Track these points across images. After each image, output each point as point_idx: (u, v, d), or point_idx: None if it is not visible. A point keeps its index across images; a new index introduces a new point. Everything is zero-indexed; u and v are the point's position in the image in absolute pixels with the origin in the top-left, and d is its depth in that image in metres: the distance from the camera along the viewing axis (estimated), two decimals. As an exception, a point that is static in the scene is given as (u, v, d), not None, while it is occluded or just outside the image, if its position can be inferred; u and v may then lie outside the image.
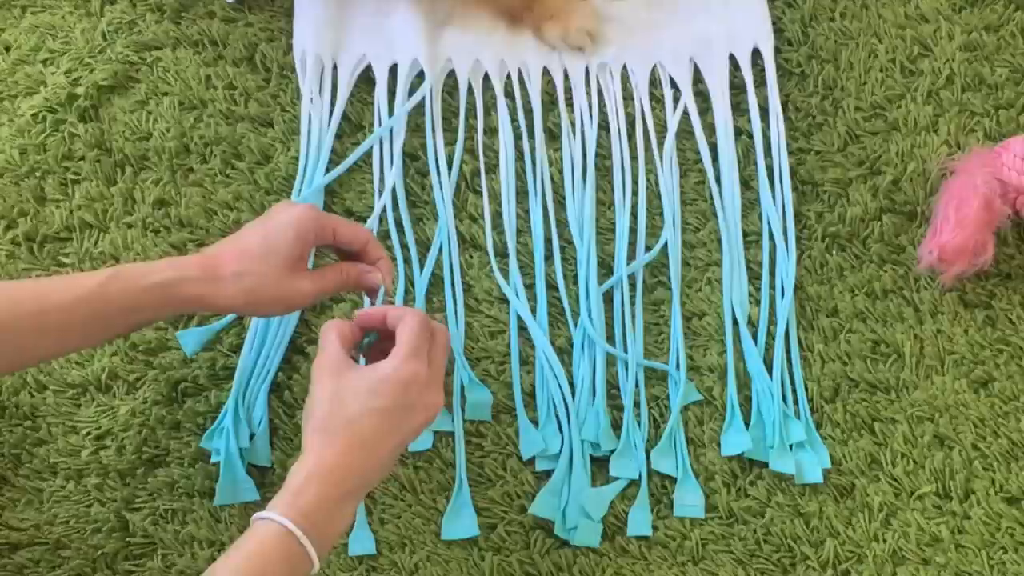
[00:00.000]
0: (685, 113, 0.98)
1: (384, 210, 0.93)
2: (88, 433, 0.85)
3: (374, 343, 0.75)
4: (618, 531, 0.83)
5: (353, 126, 0.97)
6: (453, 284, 0.91)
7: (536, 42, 1.01)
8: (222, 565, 0.62)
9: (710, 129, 0.98)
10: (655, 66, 1.00)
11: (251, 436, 0.85)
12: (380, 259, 0.77)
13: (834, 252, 0.94)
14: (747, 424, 0.87)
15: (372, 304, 0.77)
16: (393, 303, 0.82)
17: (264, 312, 0.81)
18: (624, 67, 1.00)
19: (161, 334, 0.88)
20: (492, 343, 0.89)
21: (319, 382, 0.68)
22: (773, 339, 0.90)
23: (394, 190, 0.94)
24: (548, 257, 0.92)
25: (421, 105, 0.97)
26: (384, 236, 0.93)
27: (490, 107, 0.98)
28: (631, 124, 0.98)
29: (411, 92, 0.98)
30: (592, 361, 0.88)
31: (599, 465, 0.86)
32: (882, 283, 0.92)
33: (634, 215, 0.94)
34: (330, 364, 0.69)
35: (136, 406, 0.86)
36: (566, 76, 1.00)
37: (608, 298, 0.91)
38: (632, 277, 0.92)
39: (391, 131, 0.96)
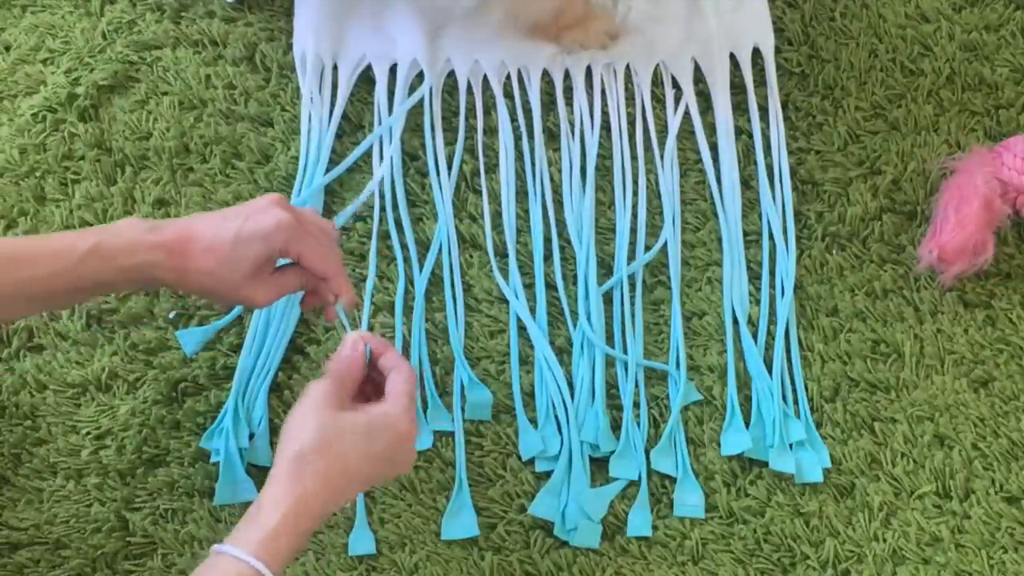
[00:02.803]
0: (686, 113, 0.98)
1: (384, 210, 0.93)
2: (88, 433, 0.85)
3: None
4: (618, 531, 0.83)
5: (353, 126, 0.97)
6: (453, 284, 0.91)
7: (535, 43, 1.00)
8: None
9: (710, 129, 0.98)
10: (657, 65, 1.00)
11: (251, 436, 0.85)
12: (341, 294, 0.75)
13: (834, 252, 0.94)
14: (747, 424, 0.87)
15: (344, 326, 0.77)
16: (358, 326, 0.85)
17: (221, 305, 0.86)
18: (627, 66, 1.00)
19: (161, 334, 0.88)
20: (492, 343, 0.89)
21: (314, 409, 0.67)
22: (773, 339, 0.90)
23: (394, 190, 0.94)
24: (548, 257, 0.92)
25: (421, 105, 0.97)
26: (384, 236, 0.93)
27: (490, 107, 0.98)
28: (631, 124, 0.98)
29: (411, 92, 0.98)
30: (591, 362, 0.88)
31: (599, 465, 0.86)
32: (882, 283, 0.92)
33: (634, 215, 0.94)
34: (327, 394, 0.68)
35: (136, 406, 0.86)
36: (566, 76, 1.00)
37: (608, 298, 0.91)
38: (632, 277, 0.92)
39: (390, 130, 0.96)
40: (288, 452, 0.65)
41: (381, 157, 0.95)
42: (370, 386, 0.73)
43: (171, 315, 0.89)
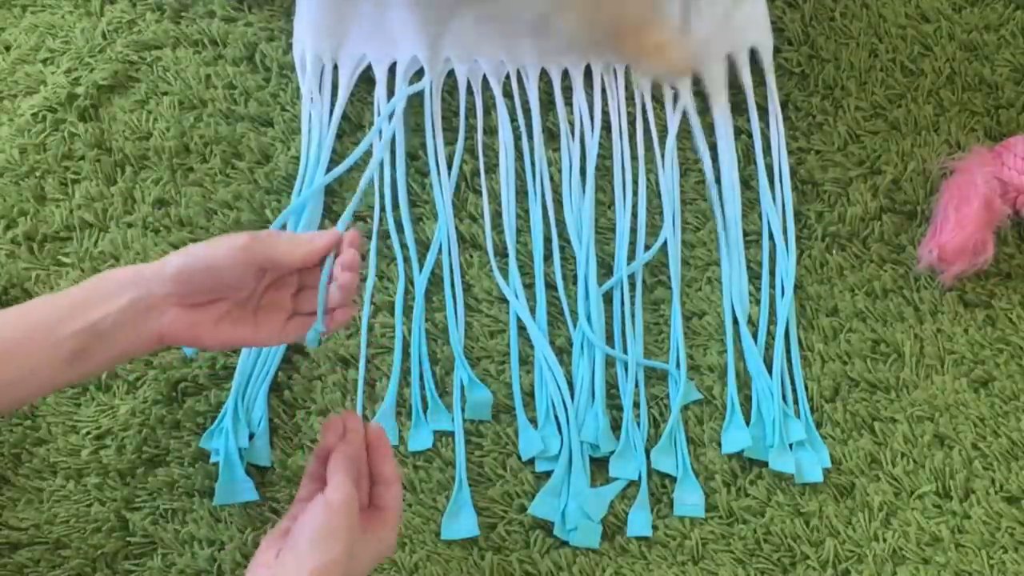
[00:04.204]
0: (685, 112, 0.98)
1: (384, 210, 0.93)
2: (88, 432, 0.85)
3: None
4: (618, 531, 0.83)
5: (353, 126, 0.97)
6: (453, 284, 0.91)
7: (533, 43, 1.00)
8: None
9: (710, 129, 0.98)
10: (655, 65, 1.00)
11: (251, 436, 0.85)
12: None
13: (834, 252, 0.94)
14: (747, 423, 0.87)
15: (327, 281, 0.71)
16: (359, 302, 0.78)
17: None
18: (627, 66, 1.00)
19: (161, 334, 0.88)
20: (492, 343, 0.89)
21: (349, 525, 0.66)
22: (773, 338, 0.90)
23: (394, 190, 0.94)
24: (548, 257, 0.93)
25: (421, 105, 0.97)
26: (384, 236, 0.93)
27: (490, 107, 0.98)
28: (631, 124, 0.98)
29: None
30: (591, 362, 0.88)
31: (599, 465, 0.86)
32: (882, 282, 0.92)
33: (634, 215, 0.94)
34: (353, 504, 0.67)
35: (136, 406, 0.86)
36: (565, 76, 1.00)
37: (608, 298, 0.91)
38: (632, 277, 0.92)
39: (388, 129, 0.96)
40: (314, 562, 0.64)
41: (380, 156, 0.95)
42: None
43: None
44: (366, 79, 0.99)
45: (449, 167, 0.95)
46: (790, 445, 0.86)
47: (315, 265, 0.70)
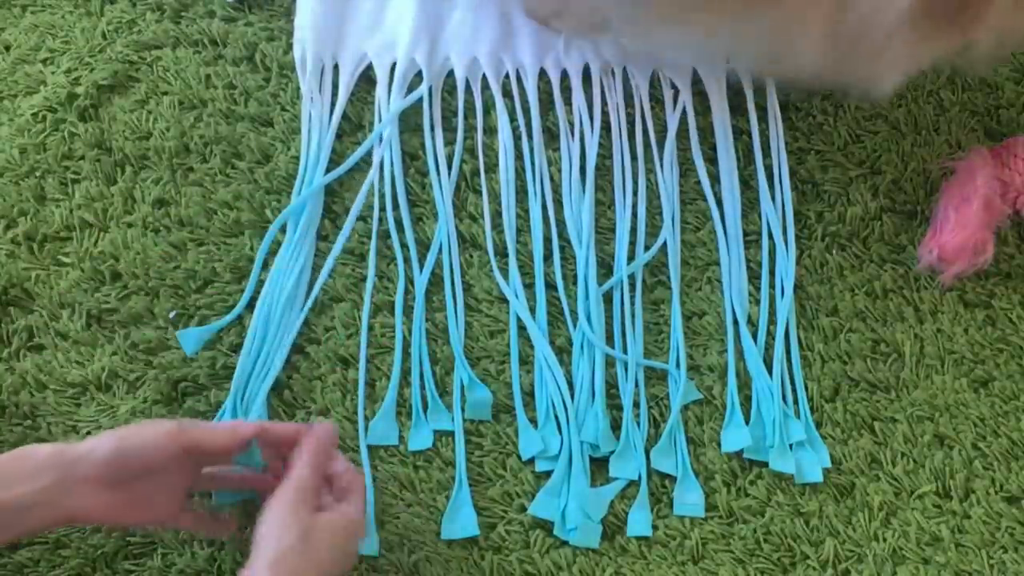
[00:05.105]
0: (684, 113, 0.98)
1: (384, 210, 0.93)
2: (88, 432, 0.85)
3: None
4: (618, 531, 0.83)
5: (353, 126, 0.97)
6: (453, 284, 0.91)
7: (532, 42, 1.00)
8: None
9: (709, 129, 0.98)
10: (656, 64, 1.00)
11: (251, 435, 0.85)
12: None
13: (834, 252, 0.94)
14: (747, 423, 0.87)
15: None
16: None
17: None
18: (624, 68, 1.00)
19: (161, 334, 0.88)
20: (492, 342, 0.89)
21: (294, 512, 0.67)
22: (773, 338, 0.90)
23: (394, 190, 0.94)
24: (548, 257, 0.92)
25: (420, 105, 0.97)
26: (384, 236, 0.93)
27: (489, 106, 0.98)
28: (631, 124, 0.98)
29: (411, 91, 0.98)
30: (591, 362, 0.88)
31: (599, 465, 0.86)
32: (882, 282, 0.92)
33: (634, 215, 0.94)
34: (306, 493, 0.69)
35: (136, 405, 0.86)
36: (564, 76, 1.00)
37: (608, 298, 0.91)
38: (632, 277, 0.92)
39: (388, 130, 0.96)
40: (268, 554, 0.65)
41: (382, 163, 0.95)
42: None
43: (171, 315, 0.89)
44: (366, 79, 0.99)
45: (449, 167, 0.95)
46: (790, 445, 0.86)
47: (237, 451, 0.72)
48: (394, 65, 0.99)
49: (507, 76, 0.99)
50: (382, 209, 0.93)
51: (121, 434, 0.69)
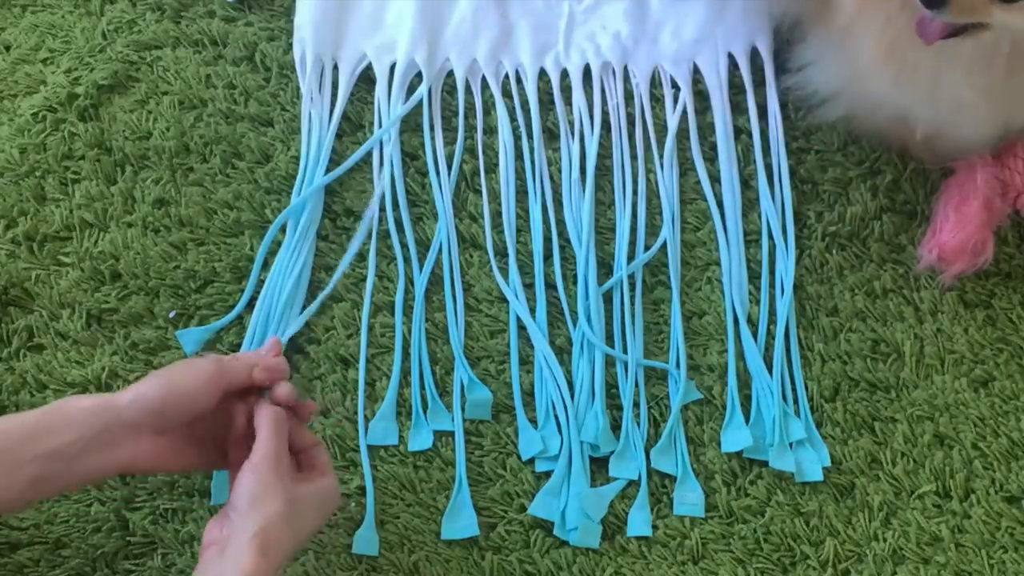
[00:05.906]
0: (684, 112, 0.98)
1: (384, 210, 0.93)
2: (88, 432, 0.85)
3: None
4: (618, 531, 0.83)
5: (353, 126, 0.97)
6: (453, 283, 0.91)
7: (532, 42, 1.00)
8: None
9: (709, 128, 0.98)
10: (656, 65, 1.00)
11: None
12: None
13: (834, 251, 0.94)
14: (747, 423, 0.87)
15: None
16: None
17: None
18: (625, 67, 1.00)
19: (161, 334, 0.88)
20: (492, 342, 0.89)
21: (279, 479, 0.67)
22: (773, 338, 0.90)
23: (394, 190, 0.94)
24: (548, 257, 0.92)
25: (420, 105, 0.97)
26: (384, 236, 0.93)
27: (489, 106, 0.98)
28: (631, 123, 0.98)
29: (411, 91, 0.98)
30: (591, 362, 0.88)
31: (599, 465, 0.86)
32: (882, 282, 0.92)
33: (634, 215, 0.94)
34: (282, 459, 0.68)
35: (136, 405, 0.86)
36: (564, 76, 1.00)
37: (608, 298, 0.91)
38: (632, 277, 0.92)
39: (389, 133, 0.96)
40: (256, 520, 0.65)
41: (381, 161, 0.95)
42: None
43: (171, 315, 0.89)
44: (366, 79, 0.99)
45: (449, 167, 0.95)
46: (790, 444, 0.86)
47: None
48: (394, 65, 0.99)
49: (507, 76, 0.99)
50: (382, 209, 0.93)
51: (165, 380, 0.69)
